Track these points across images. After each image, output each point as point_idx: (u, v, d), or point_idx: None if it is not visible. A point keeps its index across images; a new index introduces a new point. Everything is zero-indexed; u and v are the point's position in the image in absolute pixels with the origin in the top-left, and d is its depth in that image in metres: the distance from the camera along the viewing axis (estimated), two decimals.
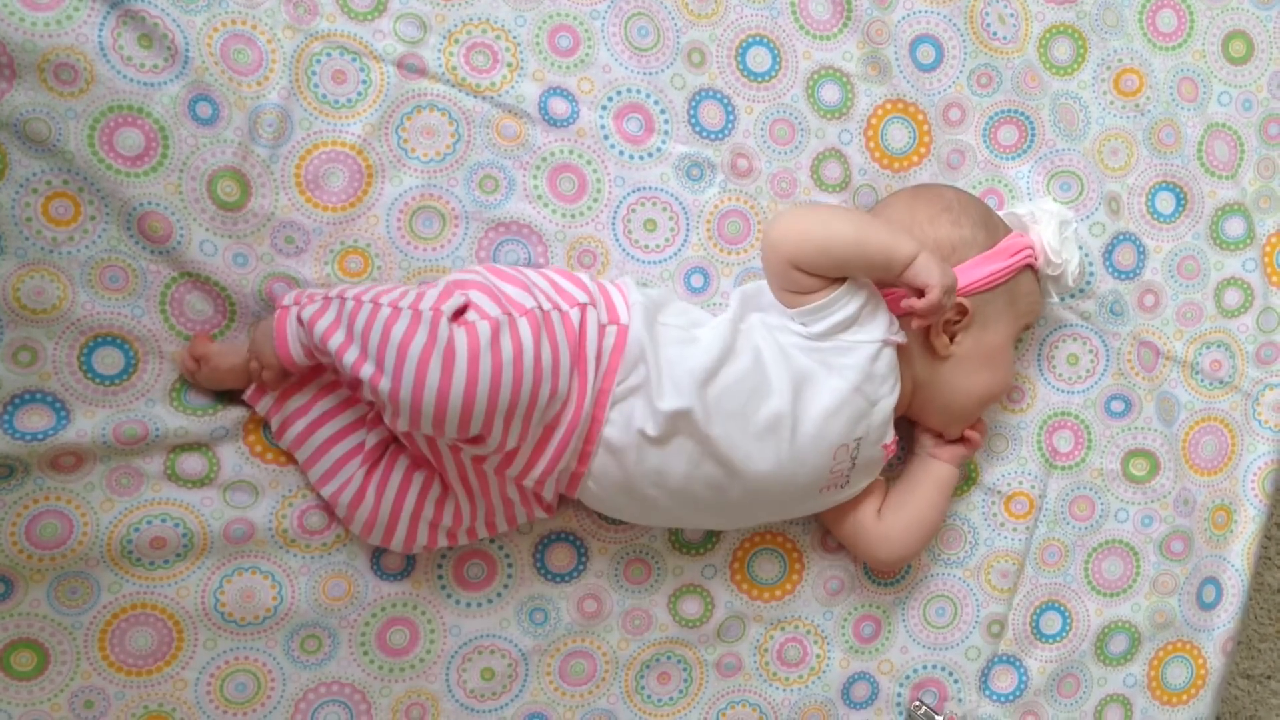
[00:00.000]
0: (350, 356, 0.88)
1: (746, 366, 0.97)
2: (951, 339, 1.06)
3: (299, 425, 0.99)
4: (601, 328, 0.96)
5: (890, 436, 1.04)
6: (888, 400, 1.01)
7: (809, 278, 0.98)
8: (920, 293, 0.98)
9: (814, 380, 0.98)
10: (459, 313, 0.89)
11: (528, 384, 0.89)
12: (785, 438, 0.97)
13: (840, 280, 0.99)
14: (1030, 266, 1.09)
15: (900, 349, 1.03)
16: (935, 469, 1.11)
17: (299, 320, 0.93)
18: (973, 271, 1.05)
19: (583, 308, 0.95)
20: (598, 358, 0.95)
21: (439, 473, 0.99)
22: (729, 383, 0.96)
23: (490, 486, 0.99)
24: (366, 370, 0.87)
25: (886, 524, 1.09)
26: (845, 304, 0.99)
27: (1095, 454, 1.19)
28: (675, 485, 0.97)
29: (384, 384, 0.86)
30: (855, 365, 0.99)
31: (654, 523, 1.07)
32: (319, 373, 0.99)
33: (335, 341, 0.89)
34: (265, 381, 0.97)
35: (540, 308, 0.92)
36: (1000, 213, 1.13)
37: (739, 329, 1.01)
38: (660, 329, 0.98)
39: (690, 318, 1.02)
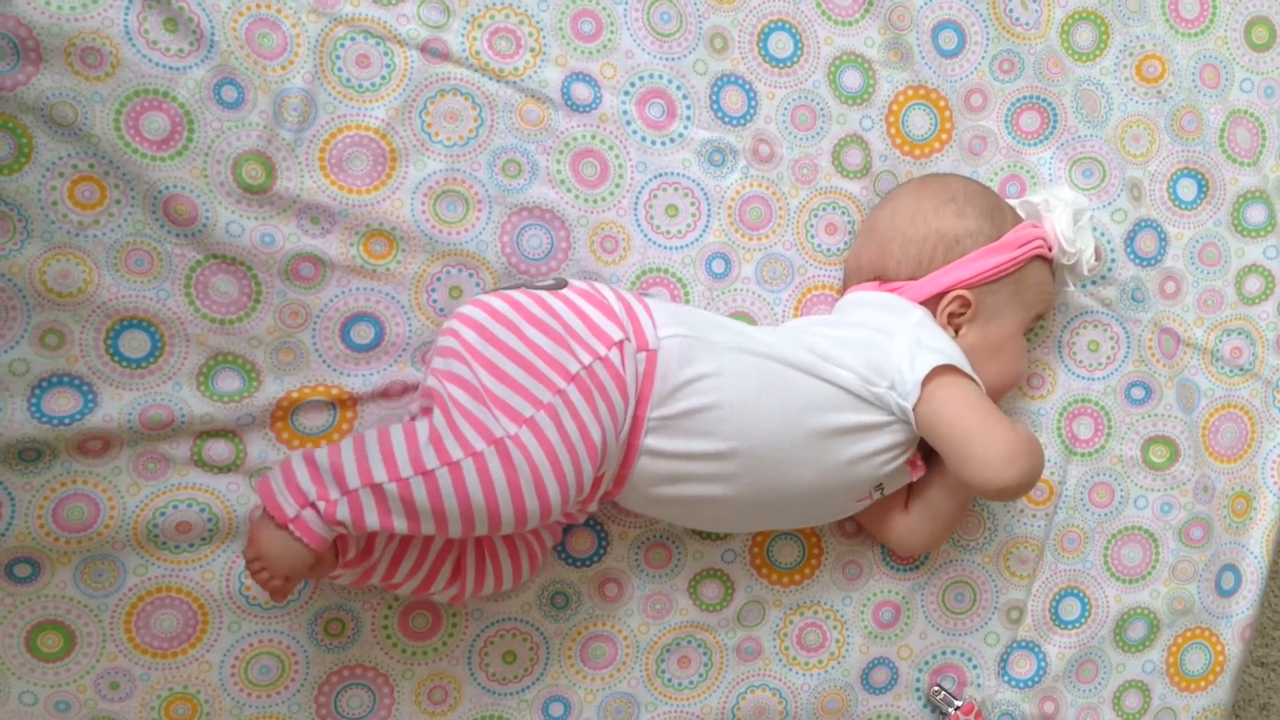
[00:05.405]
0: (429, 528, 0.87)
1: (804, 392, 0.98)
2: (956, 331, 1.06)
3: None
4: (634, 357, 0.94)
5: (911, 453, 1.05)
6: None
7: None
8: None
9: (871, 429, 0.99)
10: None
11: (609, 443, 0.91)
12: (838, 467, 0.99)
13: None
14: (1041, 256, 1.08)
15: None
16: None
17: (334, 521, 0.85)
18: (977, 264, 1.05)
19: (619, 345, 0.92)
20: (635, 386, 0.94)
21: None
22: (785, 404, 0.97)
23: None
24: (456, 529, 0.87)
25: (914, 516, 1.10)
26: None
27: (1115, 441, 1.19)
28: (700, 503, 0.99)
29: (481, 528, 0.88)
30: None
31: (674, 522, 1.09)
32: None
33: (401, 525, 0.86)
34: (274, 591, 0.89)
35: (582, 368, 0.90)
36: (1014, 201, 1.13)
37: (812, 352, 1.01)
38: (716, 336, 0.98)
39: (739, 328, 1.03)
